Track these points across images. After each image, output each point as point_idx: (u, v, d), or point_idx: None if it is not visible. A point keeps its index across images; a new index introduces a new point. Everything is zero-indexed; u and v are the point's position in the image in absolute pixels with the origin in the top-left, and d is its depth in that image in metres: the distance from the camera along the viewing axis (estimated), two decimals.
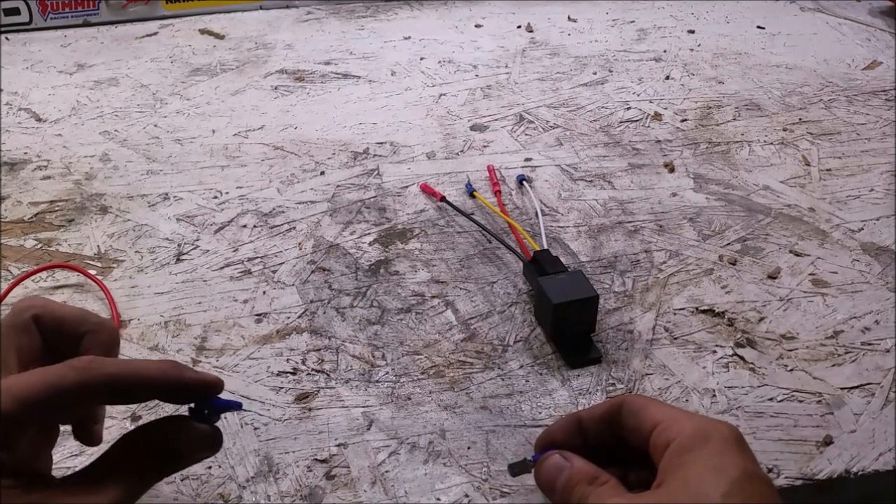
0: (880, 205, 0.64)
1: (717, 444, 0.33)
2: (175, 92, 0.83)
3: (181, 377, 0.34)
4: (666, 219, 0.62)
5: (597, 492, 0.35)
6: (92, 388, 0.31)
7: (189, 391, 0.34)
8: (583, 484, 0.36)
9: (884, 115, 0.77)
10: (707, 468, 0.32)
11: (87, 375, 0.31)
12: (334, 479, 0.42)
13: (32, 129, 0.76)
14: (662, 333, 0.51)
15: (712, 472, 0.32)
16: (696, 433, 0.33)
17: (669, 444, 0.34)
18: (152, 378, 0.33)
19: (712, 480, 0.32)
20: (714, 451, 0.33)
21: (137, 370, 0.33)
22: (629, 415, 0.36)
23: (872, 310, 0.53)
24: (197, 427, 0.34)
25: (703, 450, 0.33)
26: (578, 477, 0.36)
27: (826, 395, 0.46)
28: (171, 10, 1.02)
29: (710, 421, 0.35)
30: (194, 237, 0.60)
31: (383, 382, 0.48)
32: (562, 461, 0.37)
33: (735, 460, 0.32)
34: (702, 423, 0.34)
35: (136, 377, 0.32)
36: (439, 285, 0.55)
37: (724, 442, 0.33)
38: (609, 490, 0.35)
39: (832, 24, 0.99)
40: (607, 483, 0.35)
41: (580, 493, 0.35)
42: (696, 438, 0.33)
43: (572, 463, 0.37)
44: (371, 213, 0.63)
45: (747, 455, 0.33)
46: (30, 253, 0.59)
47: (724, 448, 0.33)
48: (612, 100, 0.80)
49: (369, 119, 0.77)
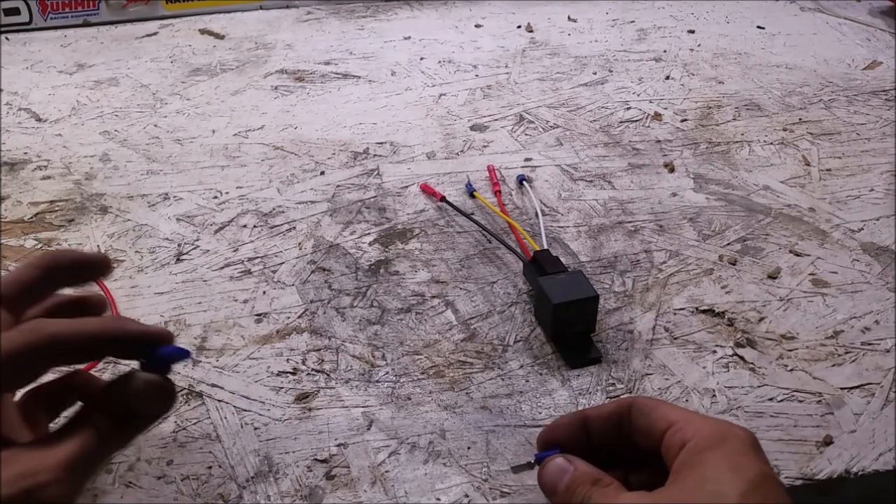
0: (880, 205, 0.64)
1: (735, 445, 0.33)
2: (175, 92, 0.83)
3: (124, 329, 0.34)
4: (666, 219, 0.62)
5: (601, 491, 0.35)
6: (38, 348, 0.32)
7: (135, 344, 0.34)
8: (586, 485, 0.36)
9: (884, 115, 0.77)
10: (725, 467, 0.32)
11: (32, 336, 0.32)
12: (334, 479, 0.42)
13: (32, 129, 0.76)
14: (662, 333, 0.51)
15: (730, 472, 0.32)
16: (714, 434, 0.34)
17: (685, 444, 0.34)
18: (94, 333, 0.33)
19: (730, 479, 0.32)
20: (731, 451, 0.33)
21: (79, 327, 0.33)
22: (640, 415, 0.36)
23: (872, 310, 0.53)
24: (144, 377, 0.34)
25: (720, 449, 0.33)
26: (581, 479, 0.36)
27: (826, 395, 0.46)
28: (171, 10, 1.02)
29: (727, 424, 0.35)
30: (194, 237, 0.60)
31: (383, 382, 0.48)
32: (565, 464, 0.37)
33: (752, 461, 0.33)
34: (719, 425, 0.34)
35: (77, 334, 0.33)
36: (439, 285, 0.55)
37: (742, 443, 0.33)
38: (613, 491, 0.35)
39: (832, 24, 0.99)
40: (611, 485, 0.35)
41: (583, 494, 0.35)
42: (713, 438, 0.34)
43: (576, 465, 0.37)
44: (371, 213, 0.63)
45: (763, 458, 0.33)
46: (30, 253, 0.59)
47: (741, 449, 0.33)
48: (612, 100, 0.80)
49: (369, 119, 0.77)
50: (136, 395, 0.34)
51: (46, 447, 0.31)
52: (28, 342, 0.32)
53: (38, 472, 0.30)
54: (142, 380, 0.34)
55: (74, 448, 0.31)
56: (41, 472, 0.30)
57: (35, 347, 0.32)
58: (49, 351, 0.32)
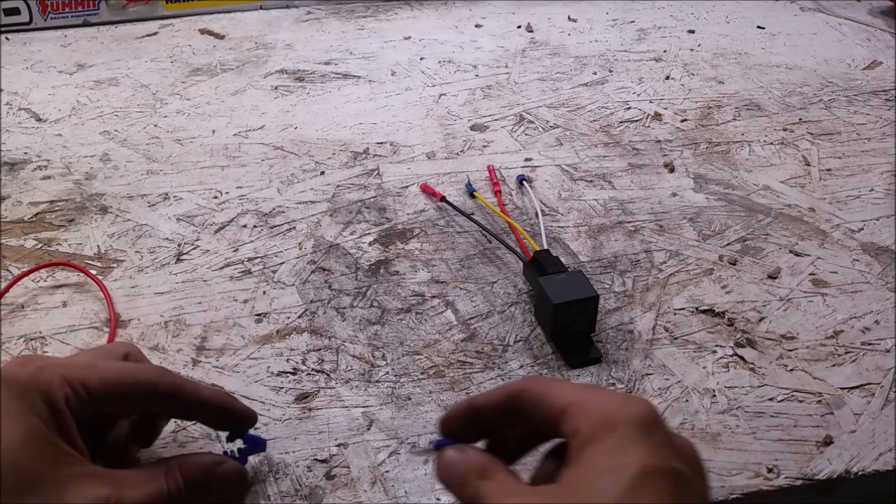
0: (880, 205, 0.64)
1: (619, 435, 0.30)
2: (175, 92, 0.83)
3: (232, 403, 0.40)
4: (666, 219, 0.62)
5: (486, 484, 0.32)
6: (162, 389, 0.37)
7: (232, 418, 0.40)
8: (473, 477, 0.33)
9: (884, 115, 0.77)
10: (603, 468, 0.29)
11: (162, 377, 0.37)
12: (334, 479, 0.42)
13: (32, 129, 0.76)
14: (662, 333, 0.51)
15: (608, 473, 0.29)
16: (601, 421, 0.31)
17: (578, 433, 0.31)
18: (209, 397, 0.39)
19: (606, 483, 0.29)
20: (613, 446, 0.30)
21: (199, 388, 0.39)
22: (531, 405, 0.34)
23: (872, 310, 0.53)
24: (228, 462, 0.39)
25: (604, 443, 0.30)
26: (470, 470, 0.33)
27: (826, 395, 0.46)
28: (171, 10, 1.02)
29: (619, 402, 0.31)
30: (194, 237, 0.60)
31: (383, 382, 0.48)
32: (455, 455, 0.35)
33: (635, 455, 0.29)
34: (608, 407, 0.31)
35: (196, 390, 0.38)
36: (439, 285, 0.55)
37: (629, 430, 0.30)
38: (497, 486, 0.32)
39: (832, 24, 0.99)
40: (496, 477, 0.33)
41: (472, 488, 0.33)
42: (599, 427, 0.31)
43: (466, 455, 0.34)
44: (371, 213, 0.63)
45: (653, 444, 0.30)
46: (30, 253, 0.59)
47: (627, 438, 0.30)
48: (612, 100, 0.80)
49: (369, 119, 0.77)
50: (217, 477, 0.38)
51: (134, 483, 0.35)
52: (155, 380, 0.37)
53: (120, 502, 0.33)
54: (228, 465, 0.39)
55: (148, 494, 0.35)
56: (122, 502, 0.33)
57: (160, 387, 0.37)
58: (169, 398, 0.37)
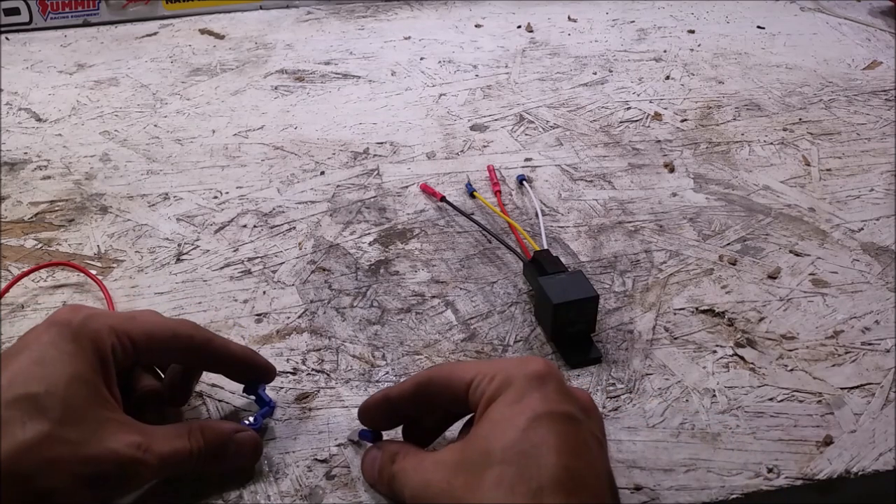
0: (880, 205, 0.64)
1: (517, 389, 0.32)
2: (175, 92, 0.83)
3: (255, 358, 0.43)
4: (666, 219, 0.62)
5: (399, 466, 0.35)
6: (197, 341, 0.40)
7: (255, 372, 0.43)
8: (387, 465, 0.35)
9: (884, 115, 0.77)
10: (501, 419, 0.31)
11: (196, 331, 0.40)
12: (334, 479, 0.42)
13: (32, 129, 0.76)
14: (662, 333, 0.51)
15: (505, 422, 0.31)
16: (502, 381, 0.32)
17: (483, 397, 0.33)
18: (236, 351, 0.41)
19: (504, 430, 0.31)
20: (511, 399, 0.32)
21: (227, 341, 0.42)
22: (440, 388, 0.35)
23: (872, 310, 0.53)
24: (247, 431, 0.41)
25: (504, 398, 0.32)
26: (384, 460, 0.36)
27: (826, 395, 0.46)
28: (171, 10, 1.02)
29: (516, 363, 0.33)
30: (194, 237, 0.60)
31: (383, 382, 0.48)
32: (370, 453, 0.38)
33: (529, 403, 0.31)
34: (508, 369, 0.33)
35: (225, 344, 0.41)
36: (439, 285, 0.55)
37: (524, 384, 0.32)
38: (407, 462, 0.34)
39: (832, 24, 0.99)
40: (407, 457, 0.35)
41: (387, 473, 0.35)
42: (500, 387, 0.32)
43: (379, 450, 0.37)
44: (371, 213, 0.63)
45: (546, 392, 0.32)
46: (30, 253, 0.59)
47: (520, 393, 0.32)
48: (612, 100, 0.80)
49: (369, 119, 0.77)
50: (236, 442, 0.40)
51: (161, 437, 0.37)
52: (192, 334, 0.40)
53: (148, 451, 0.35)
54: (245, 433, 0.41)
55: (174, 450, 0.37)
56: (149, 452, 0.35)
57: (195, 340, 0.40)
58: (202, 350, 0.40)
